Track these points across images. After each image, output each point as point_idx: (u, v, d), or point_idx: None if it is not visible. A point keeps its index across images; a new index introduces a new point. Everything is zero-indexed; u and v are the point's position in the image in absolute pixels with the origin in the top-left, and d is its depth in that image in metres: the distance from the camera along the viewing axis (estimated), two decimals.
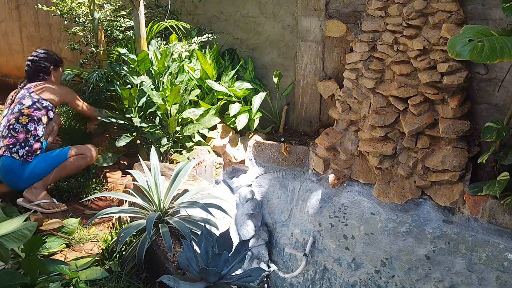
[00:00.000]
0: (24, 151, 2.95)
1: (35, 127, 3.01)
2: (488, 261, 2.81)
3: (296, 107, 3.94)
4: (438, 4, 2.89)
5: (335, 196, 3.38)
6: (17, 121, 2.98)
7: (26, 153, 2.95)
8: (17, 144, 2.95)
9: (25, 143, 2.96)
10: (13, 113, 3.02)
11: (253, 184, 3.81)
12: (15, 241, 1.87)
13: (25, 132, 2.98)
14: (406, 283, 3.11)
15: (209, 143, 3.71)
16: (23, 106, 3.02)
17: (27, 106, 3.01)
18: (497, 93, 3.00)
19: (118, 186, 3.25)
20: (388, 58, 3.14)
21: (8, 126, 2.99)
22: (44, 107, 3.07)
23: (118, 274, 2.27)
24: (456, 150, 2.94)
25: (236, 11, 4.07)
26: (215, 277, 1.96)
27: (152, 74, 3.61)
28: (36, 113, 3.03)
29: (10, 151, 2.93)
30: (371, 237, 3.22)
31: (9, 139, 2.95)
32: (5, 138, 2.97)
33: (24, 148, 2.95)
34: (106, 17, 3.95)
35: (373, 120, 3.11)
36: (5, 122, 3.04)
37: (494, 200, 2.79)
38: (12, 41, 5.94)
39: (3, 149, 2.95)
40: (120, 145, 3.36)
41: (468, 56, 2.28)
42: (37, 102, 3.05)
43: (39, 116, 3.04)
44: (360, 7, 3.41)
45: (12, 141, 2.95)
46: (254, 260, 3.63)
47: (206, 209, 2.40)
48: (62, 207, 3.00)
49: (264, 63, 4.05)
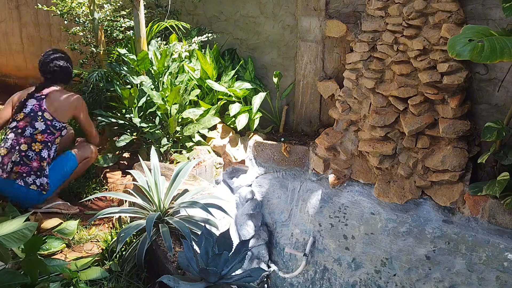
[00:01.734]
0: (39, 181, 2.80)
1: (48, 153, 2.86)
2: (488, 261, 2.81)
3: (296, 107, 3.94)
4: (438, 4, 2.89)
5: (335, 196, 3.38)
6: (29, 148, 2.79)
7: (41, 184, 2.81)
8: (32, 174, 2.78)
9: (40, 172, 2.81)
10: (25, 137, 2.80)
11: (253, 184, 3.81)
12: (15, 241, 1.87)
13: (39, 160, 2.81)
14: (406, 283, 3.11)
15: (209, 143, 3.71)
16: (36, 131, 2.82)
17: (40, 131, 2.82)
18: (497, 93, 3.00)
19: (118, 186, 3.26)
20: (388, 58, 3.15)
21: (19, 151, 2.78)
22: (57, 130, 2.90)
23: (118, 274, 2.27)
24: (456, 150, 2.94)
25: (236, 11, 4.07)
26: (215, 277, 1.96)
27: (152, 74, 3.61)
28: (49, 138, 2.86)
29: (25, 181, 2.76)
30: (371, 237, 3.22)
31: (21, 167, 2.77)
32: (17, 165, 2.77)
33: (40, 177, 2.80)
34: (106, 17, 3.94)
35: (373, 120, 3.11)
36: (13, 142, 2.81)
37: (494, 200, 2.79)
38: (12, 41, 5.94)
39: (15, 175, 2.76)
40: (120, 145, 3.36)
41: (468, 56, 2.28)
42: (51, 126, 2.86)
43: (52, 140, 2.89)
44: (360, 7, 3.41)
45: (25, 169, 2.77)
46: (254, 260, 3.63)
47: (206, 209, 2.40)
48: (74, 209, 3.00)
49: (264, 63, 4.05)
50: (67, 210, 2.95)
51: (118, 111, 3.70)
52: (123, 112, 3.59)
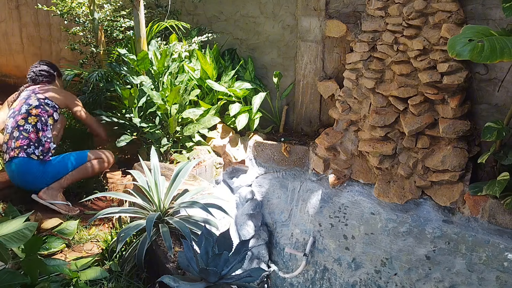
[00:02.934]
0: (39, 151, 2.95)
1: (42, 127, 3.01)
2: (488, 261, 2.81)
3: (296, 107, 3.94)
4: (438, 4, 2.89)
5: (335, 196, 3.38)
6: (26, 122, 2.97)
7: (42, 153, 2.95)
8: (31, 145, 2.93)
9: (38, 142, 2.96)
10: (21, 114, 3.00)
11: (253, 184, 3.81)
12: (15, 241, 1.87)
13: (36, 131, 2.97)
14: (406, 283, 3.11)
15: (209, 143, 3.71)
16: (30, 106, 3.02)
17: (34, 106, 3.02)
18: (497, 93, 3.00)
19: (118, 186, 3.25)
20: (388, 58, 3.15)
21: (17, 127, 2.97)
22: (50, 107, 3.08)
23: (118, 274, 2.27)
24: (456, 150, 2.94)
25: (236, 11, 4.07)
26: (215, 277, 1.96)
27: (152, 74, 3.61)
28: (43, 114, 3.03)
29: (26, 152, 2.91)
30: (371, 237, 3.22)
31: (21, 140, 2.93)
32: (17, 140, 2.94)
33: (38, 148, 2.95)
34: (106, 17, 3.95)
35: (373, 120, 3.11)
36: (12, 123, 3.01)
37: (494, 200, 2.79)
38: (12, 41, 5.94)
39: (17, 150, 2.92)
40: (120, 145, 3.36)
41: (468, 56, 2.28)
42: (43, 102, 3.06)
43: (46, 117, 3.04)
44: (360, 7, 3.41)
45: (25, 142, 2.93)
46: (254, 260, 3.63)
47: (206, 209, 2.40)
48: (75, 211, 3.00)
49: (264, 63, 4.05)
50: (68, 212, 2.95)
51: (118, 111, 3.70)
52: (123, 112, 3.59)
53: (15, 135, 2.96)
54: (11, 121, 3.03)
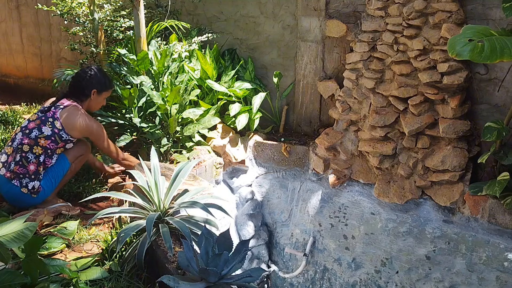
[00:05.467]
0: (32, 184, 2.82)
1: (45, 160, 2.85)
2: (488, 261, 2.81)
3: (296, 107, 3.94)
4: (438, 4, 2.89)
5: (335, 196, 3.38)
6: (31, 150, 2.81)
7: (33, 189, 2.83)
8: (27, 176, 2.80)
9: (35, 175, 2.82)
10: (30, 138, 2.81)
11: (253, 184, 3.81)
12: (15, 241, 1.87)
13: (37, 164, 2.82)
14: (406, 283, 3.11)
15: (209, 143, 3.71)
16: (41, 134, 2.81)
17: (44, 136, 2.81)
18: (497, 93, 3.00)
19: (118, 186, 3.25)
20: (388, 58, 3.15)
21: (21, 151, 2.81)
22: (63, 141, 2.87)
23: (118, 274, 2.27)
24: (456, 150, 2.94)
25: (236, 11, 4.07)
26: (215, 277, 1.96)
27: (152, 74, 3.61)
28: (51, 146, 2.84)
29: (20, 181, 2.80)
30: (371, 237, 3.22)
31: (19, 167, 2.79)
32: (16, 165, 2.80)
33: (33, 181, 2.82)
34: (106, 17, 3.95)
35: (373, 120, 3.11)
36: (18, 141, 2.83)
37: (494, 200, 2.79)
38: (12, 41, 5.94)
39: (12, 175, 2.80)
40: (120, 145, 3.36)
41: (468, 56, 2.28)
42: (57, 134, 2.83)
43: (54, 148, 2.86)
44: (360, 7, 3.41)
45: (22, 170, 2.80)
46: (254, 260, 3.63)
47: (206, 209, 2.40)
48: (75, 211, 2.99)
49: (264, 63, 4.05)
50: (69, 212, 2.95)
51: (118, 111, 3.70)
52: (123, 112, 3.59)
53: (16, 158, 2.81)
54: (19, 135, 2.85)
